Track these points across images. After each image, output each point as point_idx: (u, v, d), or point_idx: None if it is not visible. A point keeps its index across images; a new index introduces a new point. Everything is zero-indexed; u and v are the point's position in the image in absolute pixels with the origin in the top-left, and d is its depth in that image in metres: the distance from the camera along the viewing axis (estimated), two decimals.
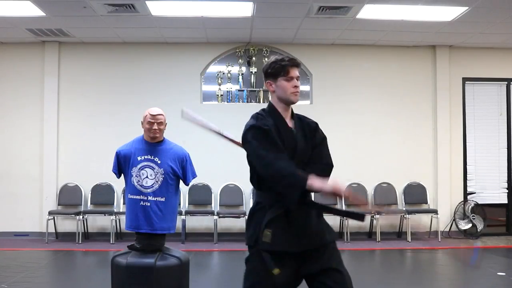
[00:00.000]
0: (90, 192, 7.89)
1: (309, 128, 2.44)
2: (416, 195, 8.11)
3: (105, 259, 5.70)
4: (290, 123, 2.42)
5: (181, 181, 3.75)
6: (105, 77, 8.13)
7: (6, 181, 7.94)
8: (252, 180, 2.42)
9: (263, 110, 2.44)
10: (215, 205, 7.88)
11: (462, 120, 8.38)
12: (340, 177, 2.21)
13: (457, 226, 8.08)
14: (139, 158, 3.61)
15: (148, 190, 3.58)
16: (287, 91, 2.35)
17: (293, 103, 2.40)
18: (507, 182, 8.37)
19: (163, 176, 3.60)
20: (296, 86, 2.36)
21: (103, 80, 8.13)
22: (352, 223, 7.68)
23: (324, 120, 8.25)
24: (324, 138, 2.49)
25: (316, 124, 2.50)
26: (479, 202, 8.14)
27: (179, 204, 5.83)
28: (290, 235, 2.28)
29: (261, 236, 2.27)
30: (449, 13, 6.65)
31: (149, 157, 3.62)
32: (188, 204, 7.86)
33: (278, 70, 2.35)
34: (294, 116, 2.46)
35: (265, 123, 2.34)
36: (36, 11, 6.52)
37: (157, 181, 3.59)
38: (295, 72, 2.37)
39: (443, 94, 8.27)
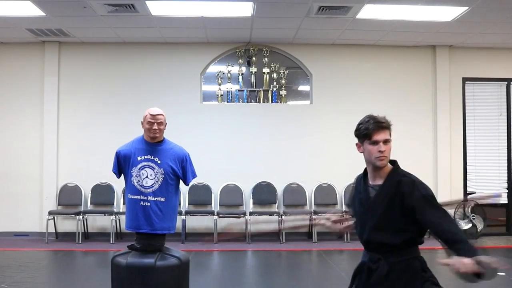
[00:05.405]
0: (90, 192, 7.89)
1: (401, 191, 2.27)
2: None
3: (105, 259, 5.69)
4: (376, 183, 2.35)
5: (181, 181, 3.75)
6: (105, 77, 8.14)
7: (6, 181, 7.95)
8: None
9: None
10: (215, 205, 7.87)
11: (462, 120, 8.38)
12: (340, 176, 2.18)
13: None
14: (139, 158, 3.61)
15: (148, 190, 3.57)
16: (372, 156, 2.30)
17: (379, 167, 2.32)
18: (507, 182, 8.37)
19: (163, 176, 3.59)
20: (381, 151, 2.27)
21: (103, 80, 8.13)
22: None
23: (324, 120, 8.34)
24: (422, 198, 2.24)
25: (413, 185, 2.27)
26: (479, 202, 8.14)
27: (179, 204, 5.82)
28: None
29: None
30: (449, 13, 6.65)
31: (149, 157, 3.61)
32: (188, 204, 7.86)
33: (363, 134, 2.31)
34: (390, 177, 2.32)
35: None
36: (36, 11, 6.52)
37: (157, 181, 3.58)
38: (380, 136, 2.29)
39: (443, 94, 8.27)
